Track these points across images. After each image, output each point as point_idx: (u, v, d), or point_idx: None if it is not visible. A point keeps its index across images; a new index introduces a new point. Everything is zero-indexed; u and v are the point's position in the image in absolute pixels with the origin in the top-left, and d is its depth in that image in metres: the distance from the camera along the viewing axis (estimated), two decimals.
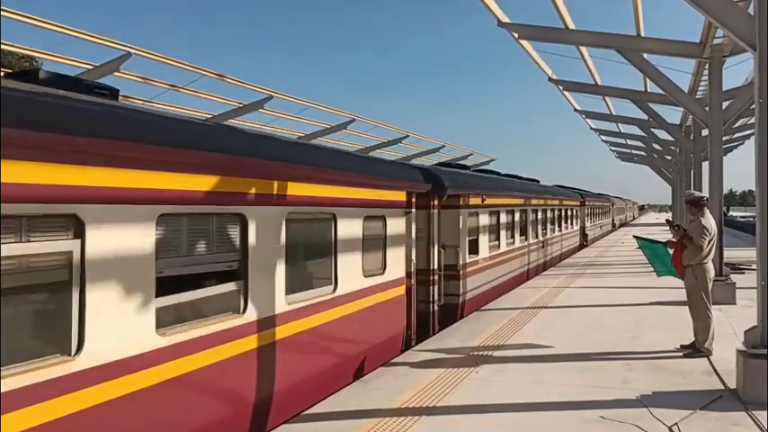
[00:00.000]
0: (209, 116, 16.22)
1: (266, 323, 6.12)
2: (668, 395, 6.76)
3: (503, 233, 15.35)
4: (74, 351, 4.24)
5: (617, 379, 7.46)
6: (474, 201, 12.85)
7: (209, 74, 13.27)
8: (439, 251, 11.12)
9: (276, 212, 6.38)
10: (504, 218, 15.34)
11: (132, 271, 4.66)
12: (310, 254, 7.40)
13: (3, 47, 11.08)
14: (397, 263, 9.34)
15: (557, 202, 23.74)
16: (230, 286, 5.80)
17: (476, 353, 8.86)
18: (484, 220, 13.71)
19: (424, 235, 10.81)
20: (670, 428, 5.77)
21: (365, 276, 8.31)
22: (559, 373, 7.73)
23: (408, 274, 9.80)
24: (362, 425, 6.02)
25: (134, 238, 4.67)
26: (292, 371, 6.53)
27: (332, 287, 7.51)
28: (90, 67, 11.25)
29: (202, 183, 5.35)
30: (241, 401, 5.88)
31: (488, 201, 13.49)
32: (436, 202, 11.05)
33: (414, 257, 10.09)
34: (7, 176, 3.74)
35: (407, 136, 22.81)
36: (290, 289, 6.57)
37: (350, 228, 7.91)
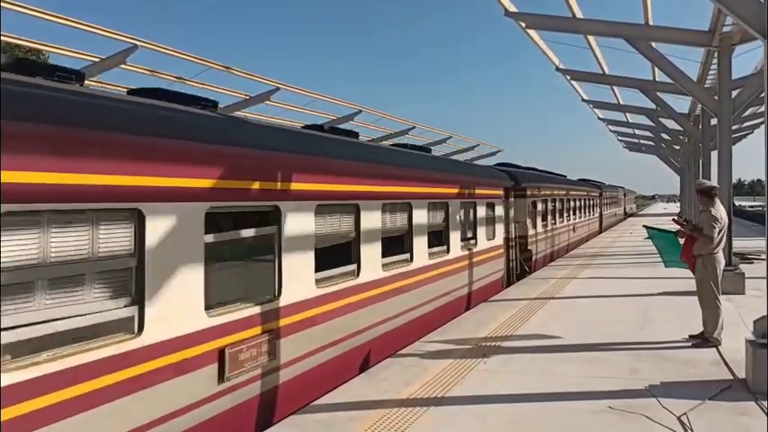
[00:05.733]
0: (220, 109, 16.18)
1: None
2: (677, 385, 6.74)
3: None
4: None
5: (625, 369, 7.45)
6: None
7: (216, 66, 13.24)
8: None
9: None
10: None
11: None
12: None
13: (10, 40, 11.09)
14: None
15: None
16: None
17: (484, 344, 8.86)
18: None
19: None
20: (679, 418, 5.76)
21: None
22: (567, 364, 7.73)
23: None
24: (370, 416, 6.04)
25: None
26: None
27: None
28: (97, 59, 11.25)
29: None
30: None
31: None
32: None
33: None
34: None
35: (414, 127, 22.73)
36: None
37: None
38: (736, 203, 64.88)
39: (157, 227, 4.97)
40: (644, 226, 10.45)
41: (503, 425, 5.79)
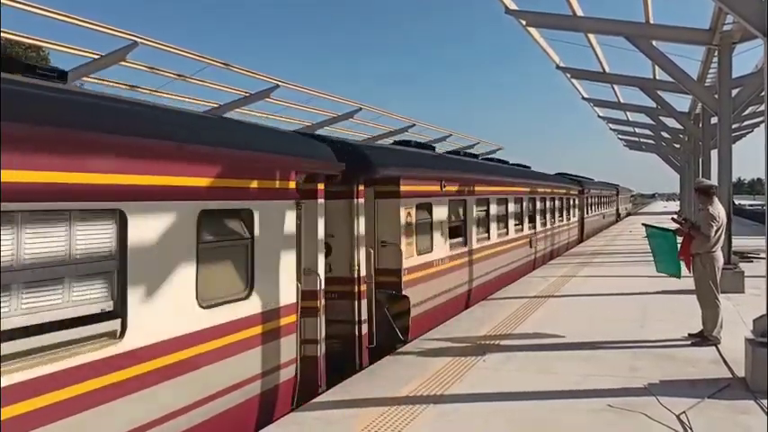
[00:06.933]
0: (216, 106, 16.21)
1: None
2: (676, 384, 6.75)
3: None
4: None
5: (624, 368, 7.45)
6: None
7: (215, 63, 13.25)
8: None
9: None
10: None
11: None
12: None
13: (10, 36, 11.09)
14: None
15: None
16: None
17: (483, 342, 8.86)
18: None
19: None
20: (678, 417, 5.76)
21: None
22: (567, 362, 7.73)
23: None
24: (369, 413, 6.04)
25: None
26: None
27: None
28: (96, 56, 11.25)
29: None
30: None
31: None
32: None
33: None
34: None
35: (414, 125, 22.72)
36: None
37: None
38: (736, 202, 64.75)
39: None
40: (643, 224, 10.46)
41: (502, 423, 5.79)
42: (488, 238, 14.27)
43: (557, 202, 21.59)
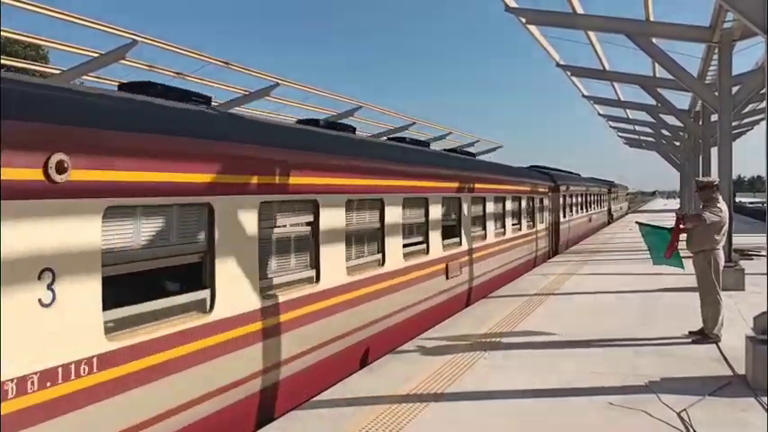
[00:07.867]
0: (216, 104, 16.16)
1: None
2: (677, 381, 6.74)
3: None
4: None
5: (625, 365, 7.44)
6: None
7: (215, 61, 13.21)
8: None
9: None
10: None
11: None
12: None
13: (8, 35, 11.07)
14: None
15: None
16: None
17: (484, 339, 8.86)
18: None
19: None
20: (679, 414, 5.76)
21: None
22: (567, 360, 7.73)
23: None
24: (371, 411, 6.04)
25: None
26: None
27: None
28: (96, 55, 11.22)
29: None
30: None
31: None
32: None
33: None
34: None
35: (414, 123, 22.68)
36: None
37: None
38: (737, 200, 64.66)
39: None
40: (636, 222, 10.45)
41: (503, 420, 5.79)
42: (343, 272, 7.82)
43: (508, 204, 15.72)
